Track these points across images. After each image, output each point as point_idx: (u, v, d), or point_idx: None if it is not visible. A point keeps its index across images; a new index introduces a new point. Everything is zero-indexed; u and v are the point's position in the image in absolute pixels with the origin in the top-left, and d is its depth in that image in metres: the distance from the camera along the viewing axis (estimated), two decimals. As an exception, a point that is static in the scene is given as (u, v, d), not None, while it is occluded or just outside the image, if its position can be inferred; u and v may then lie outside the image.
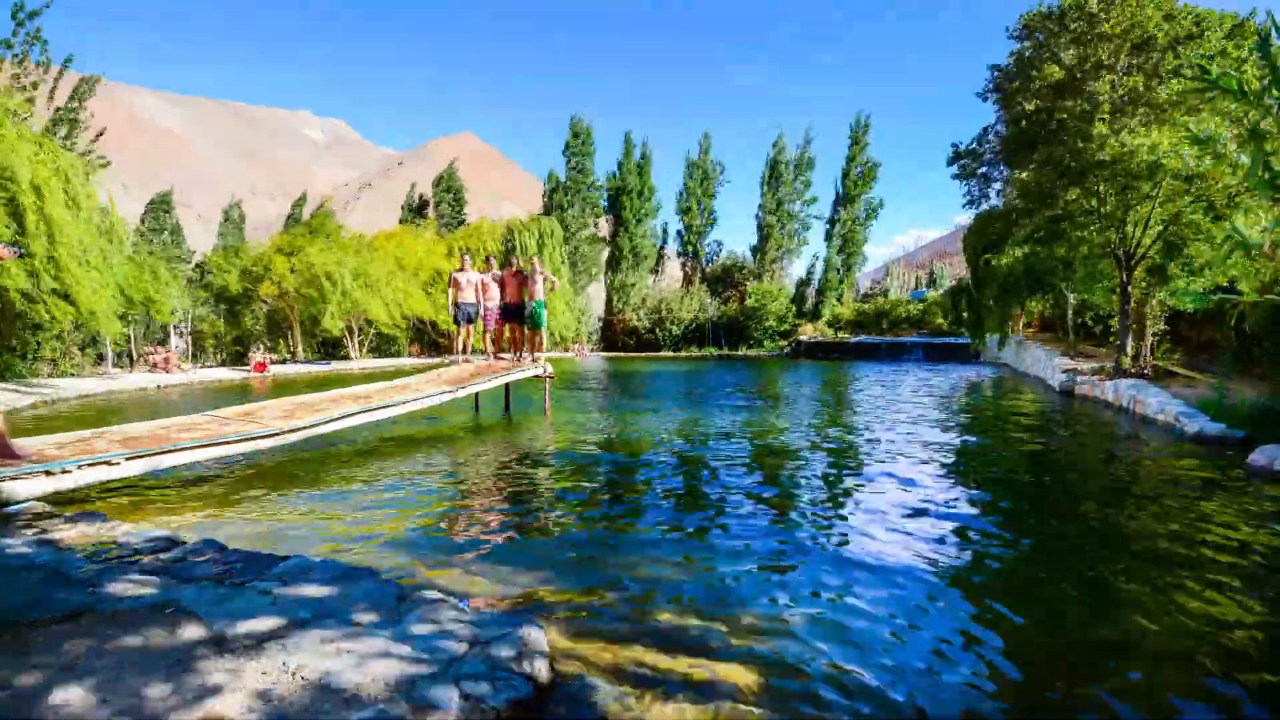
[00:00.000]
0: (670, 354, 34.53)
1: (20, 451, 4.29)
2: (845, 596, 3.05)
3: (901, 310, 33.41)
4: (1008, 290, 15.76)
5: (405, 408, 7.24)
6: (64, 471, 4.17)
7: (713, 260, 40.32)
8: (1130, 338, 12.03)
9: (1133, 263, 11.29)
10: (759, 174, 37.64)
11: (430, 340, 29.14)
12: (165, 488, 5.13)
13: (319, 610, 2.39)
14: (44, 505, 4.03)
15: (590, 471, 5.91)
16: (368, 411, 6.67)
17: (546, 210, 36.21)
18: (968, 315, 17.99)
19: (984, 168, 17.33)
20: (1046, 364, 15.10)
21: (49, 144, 11.77)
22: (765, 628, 2.72)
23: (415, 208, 39.40)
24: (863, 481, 5.39)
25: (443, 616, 2.39)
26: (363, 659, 2.02)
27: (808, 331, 34.14)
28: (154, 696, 1.77)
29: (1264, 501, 4.64)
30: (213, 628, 2.20)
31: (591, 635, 2.61)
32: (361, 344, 26.54)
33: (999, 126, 15.73)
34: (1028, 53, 12.81)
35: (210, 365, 22.22)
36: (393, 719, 1.72)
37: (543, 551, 3.72)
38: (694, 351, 34.74)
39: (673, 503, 4.83)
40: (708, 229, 39.61)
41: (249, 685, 1.85)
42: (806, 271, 38.01)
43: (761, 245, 37.76)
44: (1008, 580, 3.39)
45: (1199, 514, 4.36)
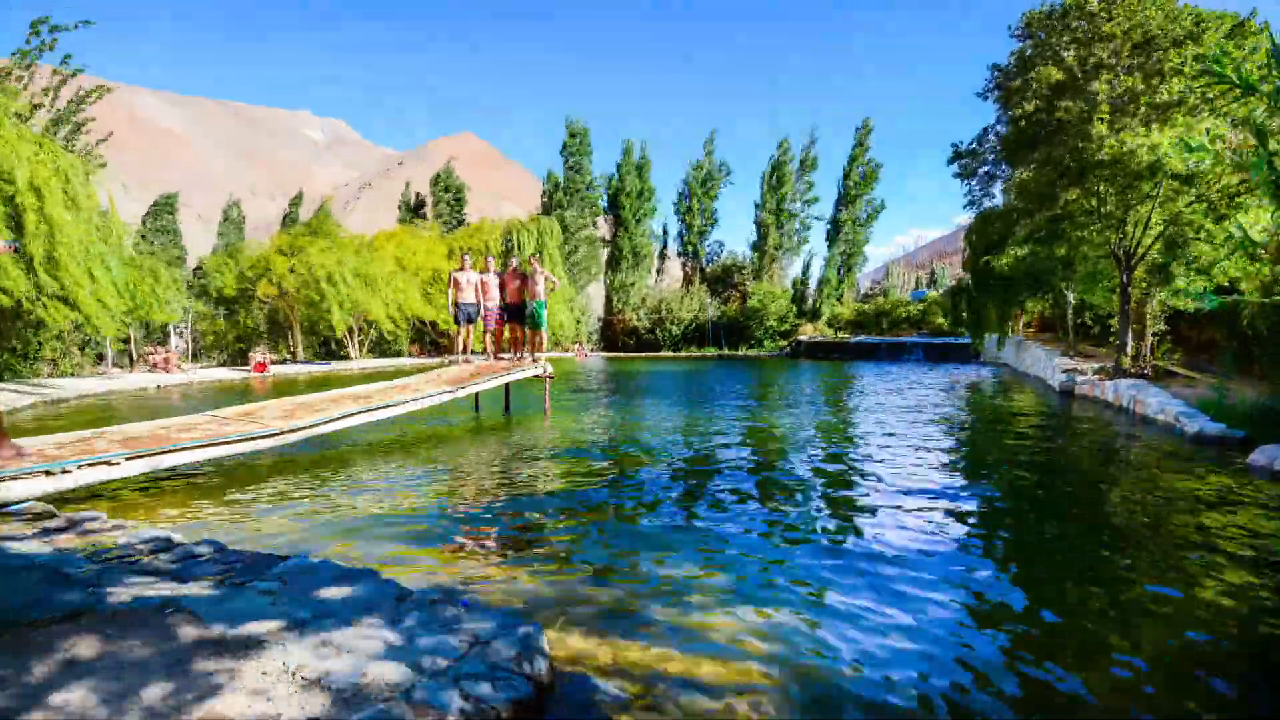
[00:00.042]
0: (670, 354, 34.53)
1: (20, 451, 4.29)
2: (846, 596, 3.04)
3: (901, 310, 33.41)
4: (1008, 290, 15.78)
5: (405, 408, 7.24)
6: (64, 471, 4.17)
7: (713, 260, 40.30)
8: (1130, 338, 12.03)
9: (1133, 262, 11.30)
10: (759, 174, 37.67)
11: (430, 340, 29.15)
12: (165, 488, 5.13)
13: (319, 610, 2.38)
14: (44, 505, 4.03)
15: (590, 471, 5.91)
16: (368, 411, 6.67)
17: (546, 210, 36.19)
18: (968, 315, 17.99)
19: (985, 167, 17.36)
20: (1046, 364, 15.10)
21: (49, 144, 11.75)
22: (766, 627, 2.71)
23: (412, 207, 39.34)
24: (862, 482, 5.39)
25: (443, 616, 2.39)
26: (363, 659, 2.02)
27: (808, 331, 34.14)
28: (154, 696, 1.77)
29: (1264, 501, 4.64)
30: (213, 628, 2.20)
31: (592, 635, 2.61)
32: (361, 344, 26.54)
33: (999, 126, 15.75)
34: (1029, 52, 12.82)
35: (210, 365, 22.22)
36: (393, 719, 1.72)
37: (543, 551, 3.72)
38: (694, 351, 34.74)
39: (673, 503, 4.83)
40: (709, 229, 39.62)
41: (249, 685, 1.85)
42: (804, 271, 38.02)
43: (761, 245, 37.74)
44: (1008, 580, 3.39)
45: (1199, 514, 4.36)
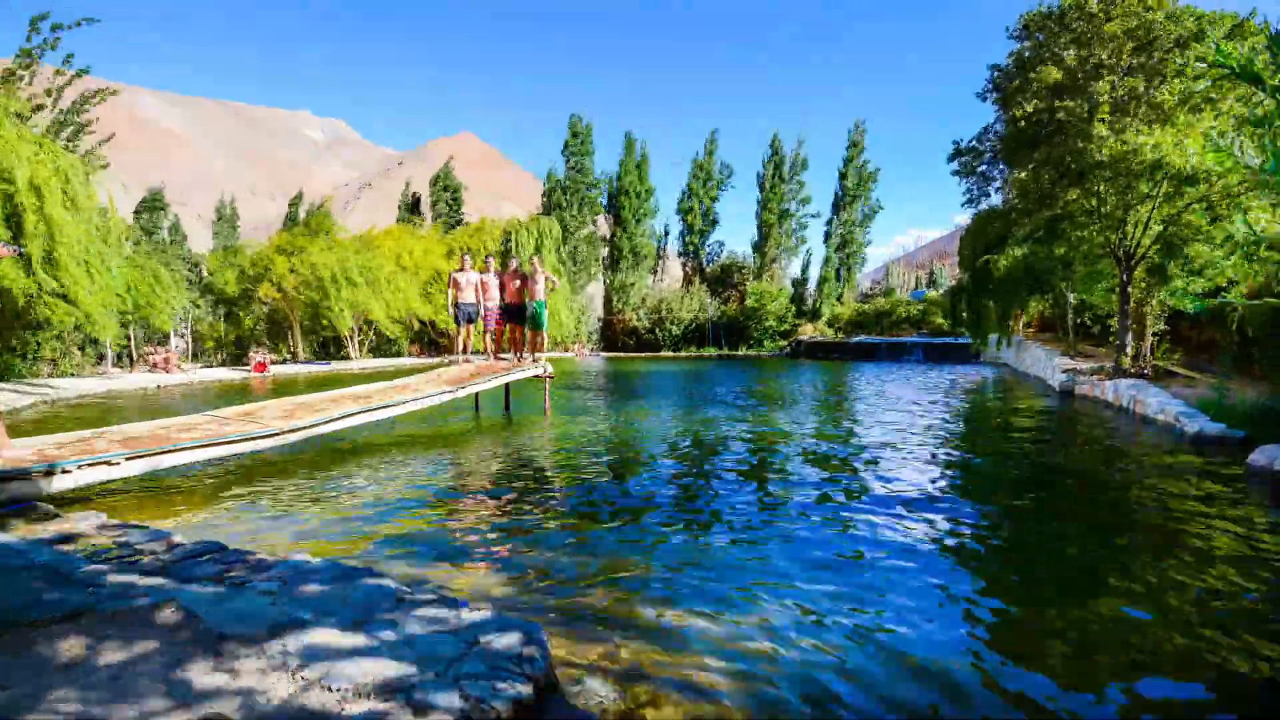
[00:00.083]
0: (670, 354, 34.53)
1: (20, 451, 4.30)
2: (846, 596, 3.05)
3: (901, 310, 33.39)
4: (1007, 290, 15.79)
5: (405, 408, 7.24)
6: (64, 471, 4.17)
7: (713, 260, 40.31)
8: (1130, 338, 12.03)
9: (1132, 263, 11.30)
10: (759, 174, 37.64)
11: (430, 340, 29.14)
12: (165, 488, 5.13)
13: (319, 610, 2.38)
14: (44, 505, 4.03)
15: (590, 472, 5.91)
16: (368, 411, 6.67)
17: (546, 210, 36.19)
18: (967, 315, 18.01)
19: (984, 166, 17.37)
20: (1046, 364, 15.10)
21: (49, 144, 11.75)
22: (766, 627, 2.72)
23: (410, 206, 39.36)
24: (862, 482, 5.39)
25: (442, 616, 2.38)
26: (362, 659, 2.02)
27: (808, 331, 34.14)
28: (154, 696, 1.77)
29: (1264, 501, 4.64)
30: (212, 628, 2.20)
31: (592, 635, 2.61)
32: (361, 344, 26.54)
33: (999, 126, 15.77)
34: (1028, 53, 12.82)
35: (210, 365, 22.22)
36: (393, 719, 1.72)
37: (542, 551, 3.72)
38: (694, 351, 34.74)
39: (673, 503, 4.83)
40: (709, 229, 39.62)
41: (248, 685, 1.85)
42: (803, 271, 38.04)
43: (761, 245, 37.74)
44: (1008, 580, 3.40)
45: (1199, 514, 4.36)
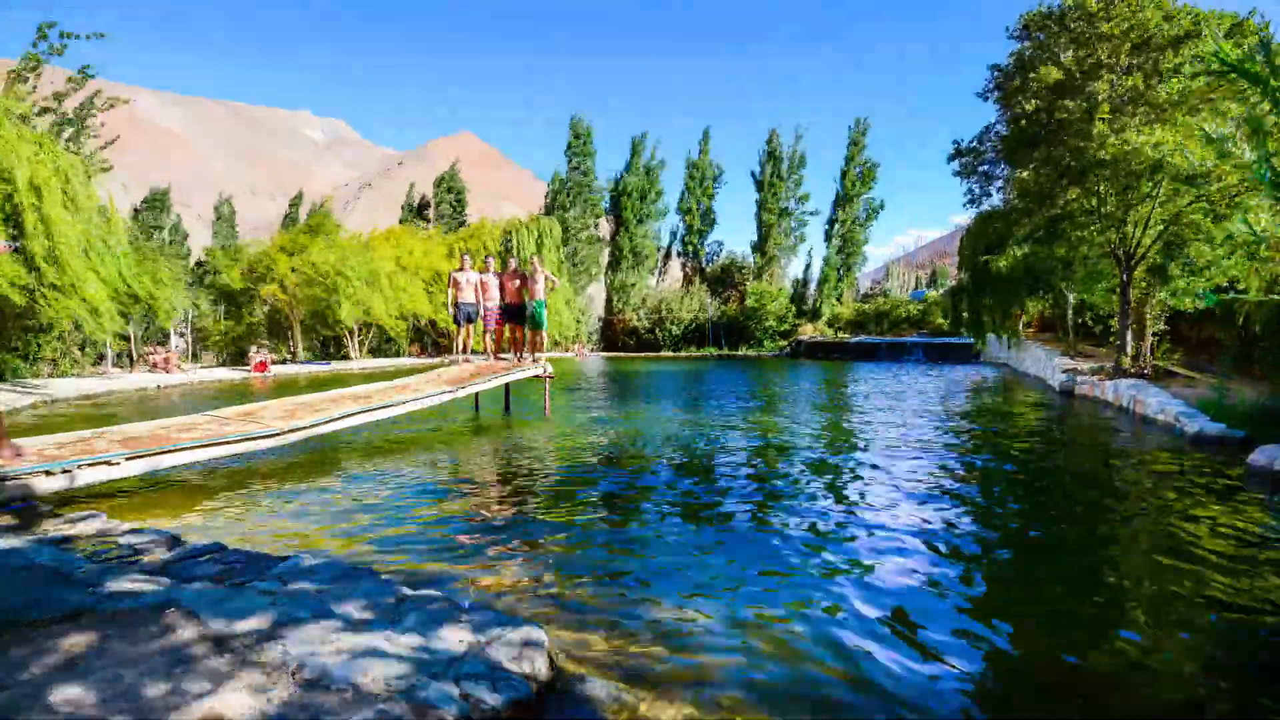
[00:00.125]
0: (670, 354, 34.54)
1: (20, 451, 4.30)
2: (845, 596, 3.04)
3: (901, 310, 33.41)
4: (1007, 290, 15.78)
5: (405, 408, 7.24)
6: (64, 471, 4.17)
7: (713, 260, 40.31)
8: (1130, 337, 12.03)
9: (1133, 262, 11.30)
10: (759, 174, 37.62)
11: (430, 340, 29.15)
12: (165, 488, 5.13)
13: (319, 610, 2.38)
14: (44, 505, 4.03)
15: (590, 472, 5.91)
16: (368, 411, 6.67)
17: (548, 210, 36.23)
18: (967, 315, 18.00)
19: (984, 166, 17.35)
20: (1046, 364, 15.10)
21: (49, 144, 11.76)
22: (766, 627, 2.72)
23: (416, 208, 39.42)
24: (861, 482, 5.39)
25: (442, 616, 2.39)
26: (362, 659, 2.02)
27: (808, 331, 34.14)
28: (154, 696, 1.77)
29: (1264, 501, 4.64)
30: (212, 627, 2.20)
31: (591, 635, 2.61)
32: (361, 344, 26.54)
33: (999, 126, 15.75)
34: (1028, 53, 12.82)
35: (210, 365, 22.23)
36: (393, 719, 1.72)
37: (542, 551, 3.72)
38: (694, 351, 34.75)
39: (672, 502, 4.83)
40: (708, 229, 39.62)
41: (248, 685, 1.85)
42: (804, 270, 38.05)
43: (761, 245, 37.74)
44: (1008, 580, 3.40)
45: (1199, 514, 4.36)
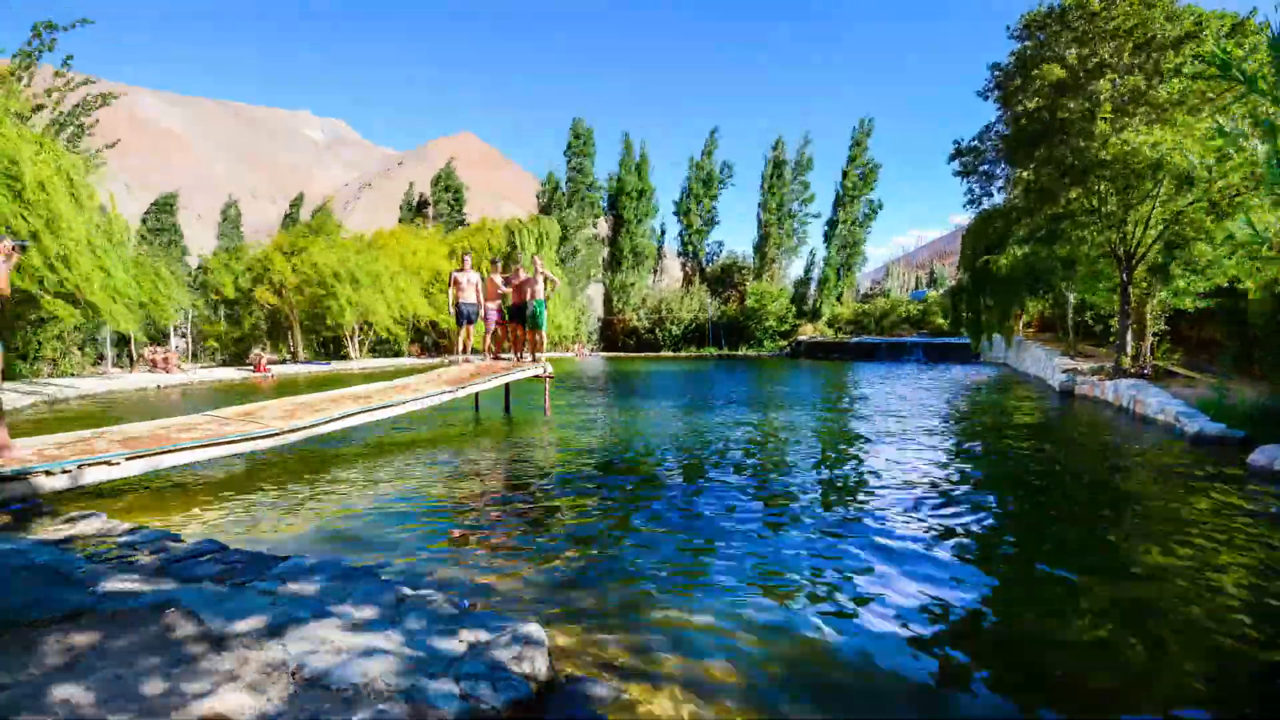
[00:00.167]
0: (670, 354, 34.53)
1: (21, 451, 4.30)
2: (845, 596, 3.05)
3: (901, 310, 33.39)
4: (1008, 290, 15.77)
5: (405, 408, 7.24)
6: (64, 471, 4.17)
7: (713, 260, 40.30)
8: (1130, 337, 12.03)
9: (1133, 262, 11.29)
10: (759, 174, 37.66)
11: (430, 340, 29.15)
12: (165, 488, 5.13)
13: (319, 610, 2.38)
14: (44, 505, 4.03)
15: (590, 472, 5.91)
16: (368, 411, 6.67)
17: (546, 210, 36.21)
18: (967, 315, 17.99)
19: (985, 166, 17.32)
20: (1046, 364, 15.09)
21: (49, 144, 11.77)
22: (766, 627, 2.71)
23: (415, 207, 39.44)
24: (862, 482, 5.39)
25: (442, 616, 2.39)
26: (362, 659, 2.02)
27: (808, 332, 34.13)
28: (154, 696, 1.77)
29: (1264, 501, 4.64)
30: (212, 627, 2.20)
31: (591, 635, 2.61)
32: (361, 344, 26.54)
33: (1000, 125, 15.72)
34: (1029, 52, 12.80)
35: (210, 365, 22.22)
36: (392, 719, 1.72)
37: (542, 551, 3.72)
38: (694, 352, 34.74)
39: (672, 503, 4.82)
40: (709, 229, 39.60)
41: (248, 685, 1.85)
42: (804, 271, 38.00)
43: (762, 245, 37.73)
44: (1008, 580, 3.39)
45: (1199, 514, 4.36)
